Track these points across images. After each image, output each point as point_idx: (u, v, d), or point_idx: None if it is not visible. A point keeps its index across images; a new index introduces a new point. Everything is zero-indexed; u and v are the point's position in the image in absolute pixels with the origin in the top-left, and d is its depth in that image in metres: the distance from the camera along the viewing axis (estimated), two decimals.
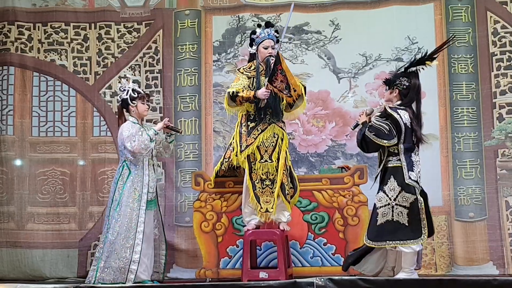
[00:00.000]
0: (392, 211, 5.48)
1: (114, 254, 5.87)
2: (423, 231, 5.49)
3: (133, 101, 6.12)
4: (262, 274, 6.21)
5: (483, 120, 6.83)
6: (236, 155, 6.05)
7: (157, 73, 7.40)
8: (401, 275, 5.43)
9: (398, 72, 5.78)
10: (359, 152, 7.05)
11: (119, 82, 6.45)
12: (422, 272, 6.53)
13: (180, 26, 7.42)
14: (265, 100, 5.97)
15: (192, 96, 7.32)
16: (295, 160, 7.07)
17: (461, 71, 6.93)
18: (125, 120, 6.18)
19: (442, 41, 6.91)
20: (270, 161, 6.00)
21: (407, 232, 5.46)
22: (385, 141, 5.53)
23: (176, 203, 7.11)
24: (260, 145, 6.02)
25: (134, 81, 7.20)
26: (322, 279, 4.99)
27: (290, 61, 7.26)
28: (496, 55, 6.88)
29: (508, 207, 6.68)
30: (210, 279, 6.41)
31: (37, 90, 7.41)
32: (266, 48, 6.08)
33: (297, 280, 5.14)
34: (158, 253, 6.24)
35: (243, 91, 5.95)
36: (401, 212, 5.47)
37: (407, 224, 5.47)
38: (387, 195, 5.51)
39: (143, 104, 6.16)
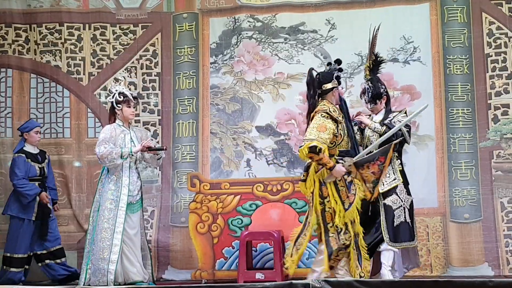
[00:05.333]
0: (404, 212, 5.56)
1: (97, 255, 5.90)
2: (415, 232, 5.66)
3: (118, 105, 6.11)
4: (258, 275, 6.24)
5: (478, 121, 6.81)
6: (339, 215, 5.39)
7: (155, 75, 7.40)
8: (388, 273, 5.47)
9: (370, 83, 5.88)
10: None
11: (116, 83, 6.44)
12: (417, 273, 6.56)
13: (179, 29, 7.41)
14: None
15: (190, 98, 7.32)
16: (291, 161, 7.08)
17: (457, 72, 6.92)
18: (114, 121, 6.18)
19: (438, 41, 6.97)
20: None
21: (411, 233, 5.59)
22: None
23: (172, 203, 7.11)
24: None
25: (129, 83, 7.28)
26: (318, 281, 4.99)
27: (286, 61, 7.27)
28: (491, 56, 6.86)
29: (503, 208, 6.68)
30: (205, 281, 6.43)
31: (34, 92, 7.41)
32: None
33: (293, 281, 5.14)
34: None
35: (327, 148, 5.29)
36: (408, 213, 5.57)
37: (411, 225, 5.58)
38: (399, 197, 5.59)
39: (129, 107, 6.13)
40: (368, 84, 5.93)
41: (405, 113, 5.83)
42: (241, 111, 7.23)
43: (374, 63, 6.03)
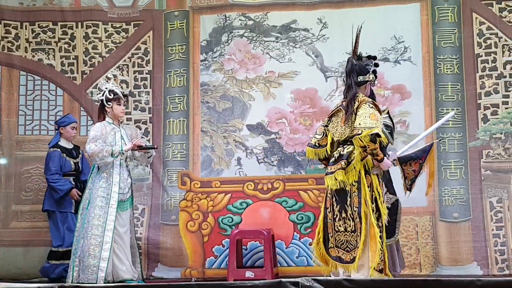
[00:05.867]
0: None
1: (86, 252, 5.90)
2: (396, 231, 5.63)
3: (108, 103, 6.14)
4: (248, 274, 6.26)
5: (468, 121, 6.82)
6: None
7: (146, 73, 7.40)
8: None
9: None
10: None
11: (107, 81, 6.44)
12: (406, 272, 6.57)
13: (170, 27, 7.42)
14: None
15: (180, 96, 7.32)
16: (282, 160, 7.09)
17: (447, 71, 6.93)
18: (104, 119, 6.19)
19: (428, 41, 6.98)
20: None
21: (390, 231, 5.52)
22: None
23: (163, 201, 7.11)
24: None
25: (121, 81, 7.27)
26: (308, 279, 5.00)
27: (277, 60, 7.27)
28: (481, 56, 6.87)
29: (492, 208, 6.69)
30: (195, 279, 6.44)
31: (24, 89, 7.41)
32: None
33: (282, 280, 5.13)
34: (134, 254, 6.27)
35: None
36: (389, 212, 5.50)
37: (391, 223, 5.54)
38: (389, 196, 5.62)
39: (119, 105, 6.16)
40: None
41: (388, 113, 5.77)
42: (232, 110, 7.23)
43: None
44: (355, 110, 5.16)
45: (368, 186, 5.16)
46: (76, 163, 6.82)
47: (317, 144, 5.45)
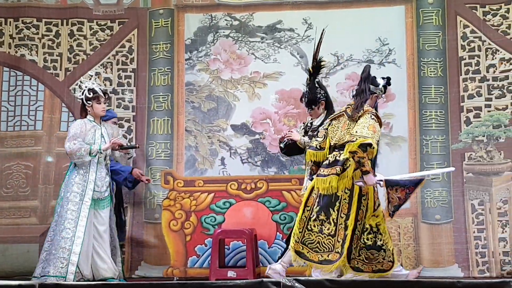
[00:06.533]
0: None
1: (57, 245, 5.84)
2: None
3: (88, 102, 6.09)
4: (230, 273, 6.25)
5: (451, 124, 6.86)
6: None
7: (130, 72, 7.37)
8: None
9: (308, 88, 6.03)
10: None
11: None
12: None
13: (155, 25, 7.39)
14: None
15: (165, 95, 7.30)
16: (265, 160, 7.08)
17: (431, 74, 6.96)
18: (86, 117, 6.15)
19: (413, 44, 7.01)
20: None
21: None
22: None
23: (145, 200, 7.07)
24: None
25: (105, 79, 7.24)
26: (289, 279, 5.01)
27: (262, 60, 7.28)
28: (465, 59, 6.92)
29: (473, 210, 6.73)
30: (177, 278, 6.42)
31: (6, 85, 7.35)
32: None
33: (264, 279, 5.14)
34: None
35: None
36: None
37: None
38: None
39: (99, 104, 6.11)
40: (305, 89, 6.02)
41: None
42: (216, 110, 7.22)
43: (316, 68, 6.07)
44: (357, 118, 5.20)
45: (361, 195, 5.21)
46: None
47: (318, 147, 5.48)
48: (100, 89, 6.15)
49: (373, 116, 5.24)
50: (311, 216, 5.34)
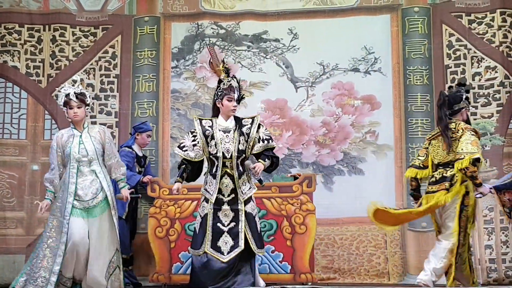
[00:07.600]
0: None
1: (40, 263, 5.53)
2: None
3: (64, 107, 5.80)
4: None
5: None
6: None
7: (113, 77, 7.31)
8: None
9: None
10: (314, 161, 7.08)
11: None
12: (375, 281, 6.56)
13: (140, 32, 7.35)
14: None
15: (149, 102, 7.24)
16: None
17: (416, 82, 7.00)
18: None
19: (398, 52, 7.05)
20: None
21: None
22: None
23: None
24: None
25: (87, 85, 7.14)
26: None
27: (249, 69, 7.26)
28: (451, 67, 6.96)
29: None
30: (165, 284, 6.35)
31: None
32: None
33: None
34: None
35: None
36: None
37: None
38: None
39: (71, 109, 5.64)
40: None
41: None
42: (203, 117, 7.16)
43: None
44: (459, 137, 5.46)
45: (462, 204, 5.47)
46: (140, 172, 6.69)
47: (421, 165, 5.74)
48: (75, 93, 5.69)
49: (472, 133, 5.51)
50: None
